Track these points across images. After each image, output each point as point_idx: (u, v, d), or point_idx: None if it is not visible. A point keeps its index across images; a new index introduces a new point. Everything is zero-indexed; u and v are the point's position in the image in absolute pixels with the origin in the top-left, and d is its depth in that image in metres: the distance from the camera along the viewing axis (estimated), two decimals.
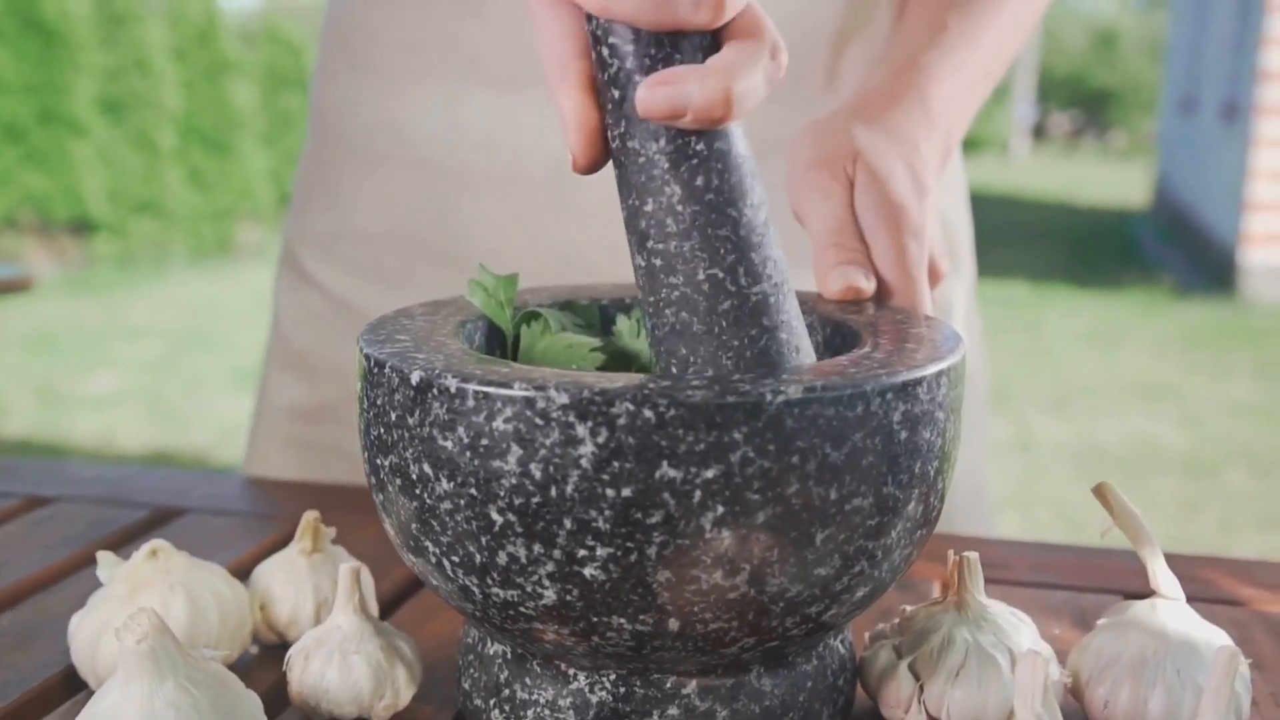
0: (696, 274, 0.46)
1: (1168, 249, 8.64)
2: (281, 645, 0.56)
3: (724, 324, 0.46)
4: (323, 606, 0.55)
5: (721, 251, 0.46)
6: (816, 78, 0.75)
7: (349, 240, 0.82)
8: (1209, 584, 0.65)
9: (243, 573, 0.60)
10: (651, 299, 0.47)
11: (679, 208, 0.45)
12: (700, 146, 0.45)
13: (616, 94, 0.44)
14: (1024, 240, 9.11)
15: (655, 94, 0.43)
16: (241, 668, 0.54)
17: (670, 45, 0.43)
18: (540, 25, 0.45)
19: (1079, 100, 23.90)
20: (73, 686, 0.53)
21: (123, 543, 0.67)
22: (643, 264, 0.46)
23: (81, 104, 6.79)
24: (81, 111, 6.80)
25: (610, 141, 0.45)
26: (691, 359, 0.46)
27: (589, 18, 0.44)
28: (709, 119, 0.43)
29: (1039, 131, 23.51)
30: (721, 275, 0.46)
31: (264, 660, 0.55)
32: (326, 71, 0.83)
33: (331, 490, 0.77)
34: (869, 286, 0.55)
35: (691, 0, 0.42)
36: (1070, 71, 23.57)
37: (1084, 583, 0.65)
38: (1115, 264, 8.07)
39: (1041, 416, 4.55)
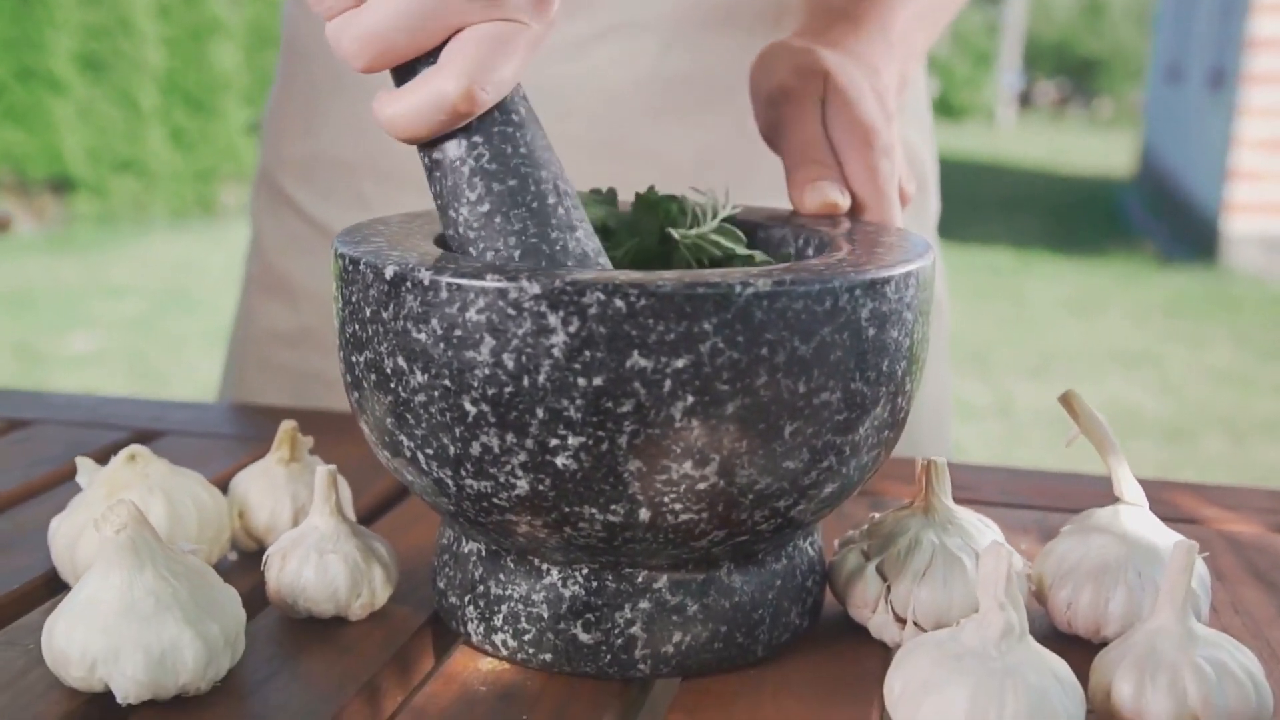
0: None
1: (1152, 217, 8.66)
2: (260, 552, 0.56)
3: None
4: (300, 514, 0.56)
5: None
6: (797, 14, 0.76)
7: (329, 167, 0.82)
8: (1173, 505, 0.66)
9: (221, 489, 0.61)
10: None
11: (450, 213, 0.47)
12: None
13: None
14: (1008, 208, 9.13)
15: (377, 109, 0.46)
16: (221, 572, 0.54)
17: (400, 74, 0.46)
18: None
19: (1065, 68, 23.88)
20: (54, 587, 0.53)
21: (102, 459, 0.68)
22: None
23: (61, 61, 6.73)
24: (61, 69, 6.73)
25: None
26: None
27: None
28: (394, 135, 0.46)
29: (1025, 100, 23.49)
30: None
31: (243, 566, 0.56)
32: None
33: (311, 413, 0.77)
34: (844, 201, 0.56)
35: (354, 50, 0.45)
36: (1057, 39, 23.54)
37: (1050, 503, 0.66)
38: (1098, 232, 8.09)
39: (1022, 382, 4.57)
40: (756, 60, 0.61)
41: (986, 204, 9.08)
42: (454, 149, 0.46)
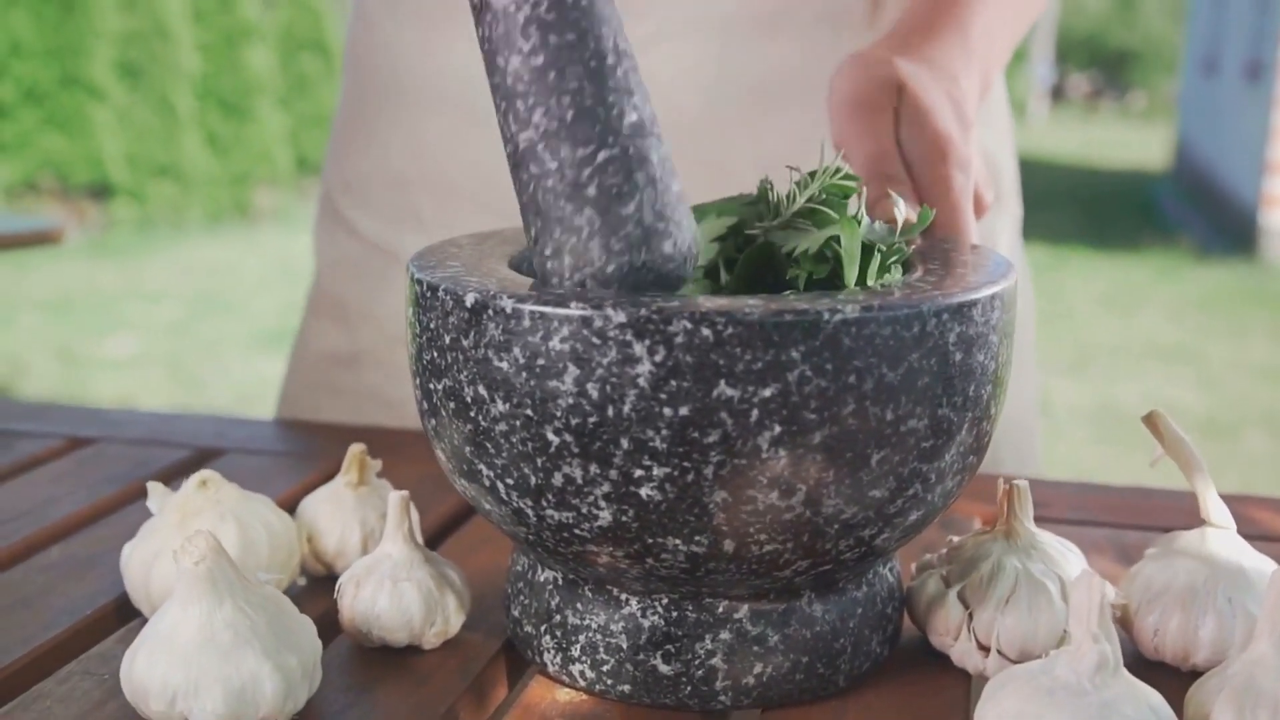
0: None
1: (1188, 211, 8.57)
2: (328, 577, 0.56)
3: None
4: (369, 538, 0.56)
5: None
6: (858, 18, 0.74)
7: (385, 185, 0.82)
8: (1255, 521, 0.65)
9: (286, 509, 0.60)
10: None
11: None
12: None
13: None
14: (1042, 203, 9.05)
15: None
16: (291, 598, 0.54)
17: None
18: None
19: (1098, 61, 23.68)
20: (126, 615, 0.53)
21: (168, 480, 0.68)
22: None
23: (101, 68, 6.79)
24: (101, 75, 6.79)
25: None
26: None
27: None
28: None
29: (1057, 93, 23.31)
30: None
31: (312, 591, 0.55)
32: (362, 14, 0.82)
33: (369, 431, 0.77)
34: (915, 217, 0.55)
35: None
36: (1089, 32, 23.34)
37: (1127, 521, 0.65)
38: (1134, 227, 8.02)
39: (1060, 379, 4.53)
40: (835, 72, 0.60)
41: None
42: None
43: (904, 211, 0.55)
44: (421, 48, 0.78)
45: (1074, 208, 8.91)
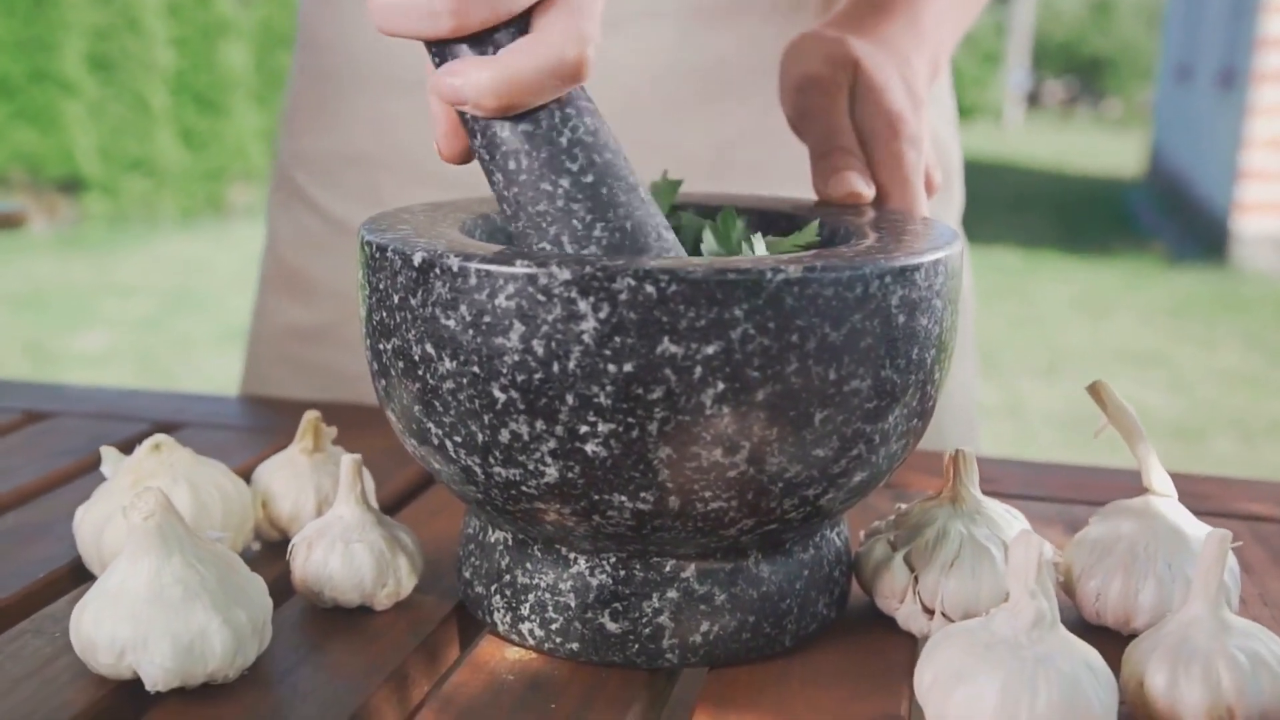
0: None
1: (1161, 217, 8.64)
2: (283, 542, 0.56)
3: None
4: (324, 504, 0.56)
5: (543, 225, 0.46)
6: (814, 4, 0.75)
7: (346, 162, 0.82)
8: (1199, 496, 0.66)
9: (245, 479, 0.61)
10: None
11: (505, 193, 0.46)
12: (505, 134, 0.45)
13: None
14: (1016, 208, 9.11)
15: (436, 82, 0.44)
16: (246, 562, 0.54)
17: (467, 43, 0.44)
18: None
19: (1074, 68, 23.84)
20: (79, 577, 0.53)
21: (125, 451, 0.68)
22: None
23: (72, 62, 6.74)
24: (72, 69, 6.75)
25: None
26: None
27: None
28: (485, 108, 0.43)
29: (1033, 99, 23.45)
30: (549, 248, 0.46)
31: (266, 556, 0.56)
32: None
33: (331, 406, 0.77)
34: (869, 191, 0.56)
35: (428, 12, 0.42)
36: (1065, 38, 23.50)
37: (1075, 496, 0.66)
38: (1107, 232, 8.07)
39: (1031, 383, 4.57)
40: (786, 49, 0.61)
41: (994, 203, 9.07)
42: (547, 119, 0.45)
43: (859, 187, 0.56)
44: (374, 25, 0.78)
45: (1048, 213, 8.96)
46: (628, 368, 0.40)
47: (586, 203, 0.45)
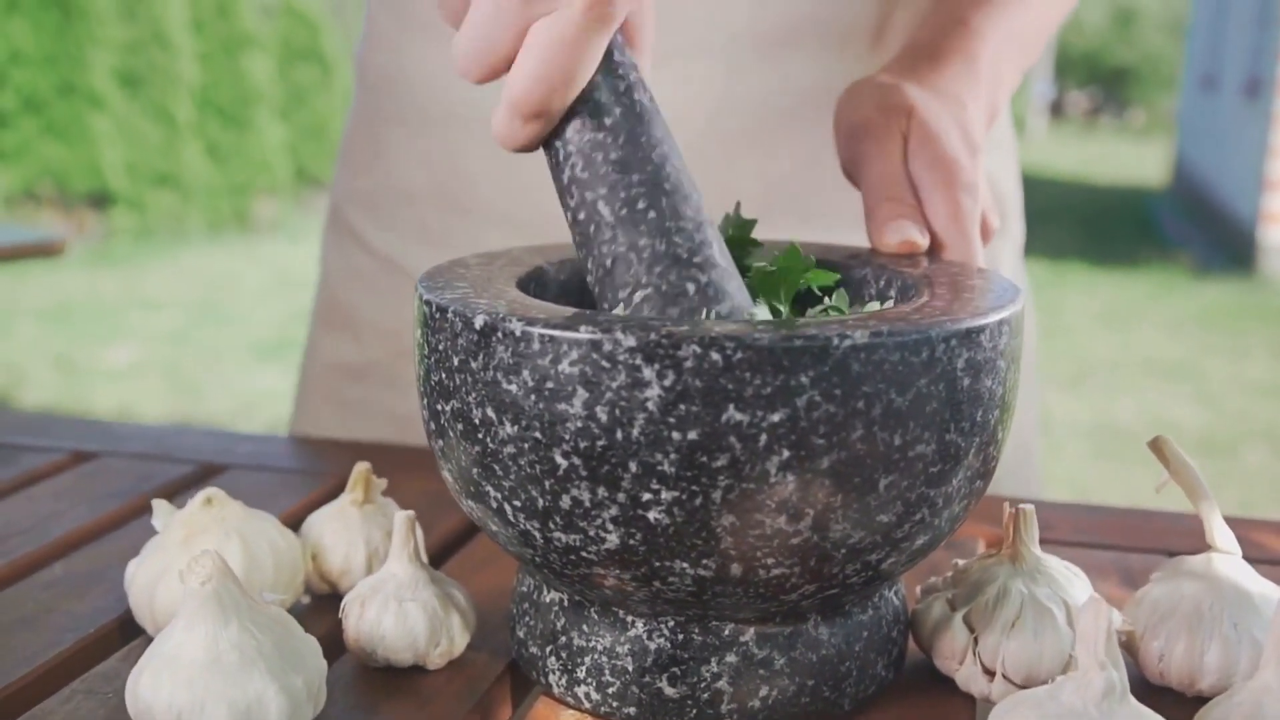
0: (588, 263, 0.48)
1: (1186, 228, 8.59)
2: (333, 595, 0.56)
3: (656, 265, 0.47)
4: (374, 557, 0.56)
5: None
6: (863, 36, 0.75)
7: (395, 199, 0.82)
8: (1261, 546, 0.65)
9: (290, 526, 0.60)
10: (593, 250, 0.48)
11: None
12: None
13: None
14: (1041, 219, 9.06)
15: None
16: (294, 617, 0.54)
17: None
18: None
19: (1097, 78, 23.73)
20: (129, 632, 0.53)
21: (171, 496, 0.68)
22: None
23: (100, 77, 6.80)
24: (100, 84, 6.80)
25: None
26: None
27: None
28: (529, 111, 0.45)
29: (1056, 109, 23.36)
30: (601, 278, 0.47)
31: (317, 610, 0.55)
32: (375, 29, 0.83)
33: (376, 448, 0.77)
34: (923, 240, 0.55)
35: None
36: (1088, 49, 23.40)
37: (1130, 543, 0.65)
38: (1133, 243, 8.03)
39: (1059, 395, 4.54)
40: (842, 96, 0.60)
41: None
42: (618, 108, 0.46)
43: (915, 236, 0.55)
44: (436, 65, 0.78)
45: (1073, 224, 8.92)
46: (692, 435, 0.40)
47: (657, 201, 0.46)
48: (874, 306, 0.50)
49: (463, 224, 0.79)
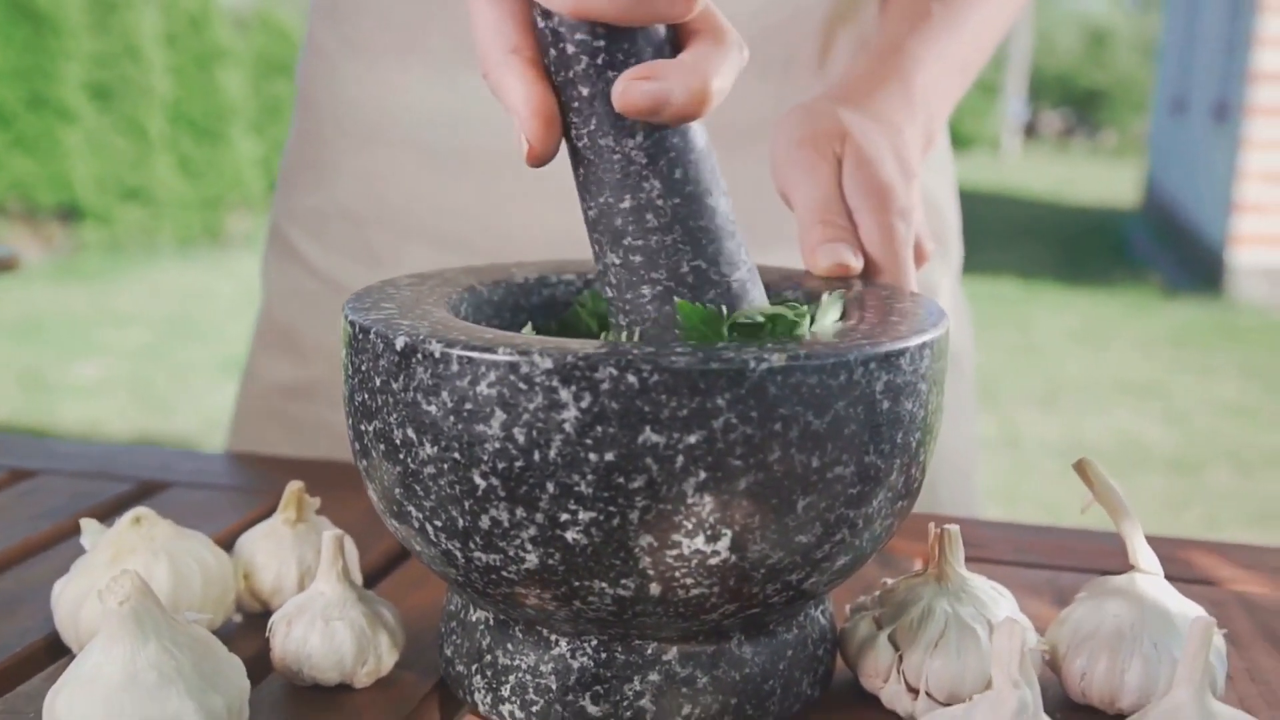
0: (680, 267, 0.47)
1: (1157, 248, 8.67)
2: (265, 614, 0.56)
3: None
4: (306, 576, 0.55)
5: (703, 242, 0.47)
6: (807, 61, 0.75)
7: (337, 219, 0.82)
8: (1187, 564, 0.65)
9: (227, 545, 0.60)
10: (629, 295, 0.47)
11: (659, 202, 0.46)
12: (677, 140, 0.46)
13: (585, 91, 0.44)
14: (1014, 238, 9.14)
15: (637, 89, 0.43)
16: (225, 636, 0.54)
17: (637, 40, 0.44)
18: (476, 11, 0.45)
19: (1070, 99, 23.95)
20: (55, 652, 0.53)
21: (107, 515, 0.67)
22: (618, 261, 0.47)
23: (71, 90, 6.76)
24: (71, 97, 6.77)
25: (574, 140, 0.45)
26: None
27: (545, 13, 0.43)
28: (688, 114, 0.43)
29: (1030, 130, 23.55)
30: (705, 266, 0.47)
31: (247, 629, 0.55)
32: (315, 48, 0.83)
33: (317, 465, 0.77)
34: (857, 264, 0.55)
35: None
36: (1061, 70, 23.63)
37: (1063, 562, 0.66)
38: (1104, 263, 8.10)
39: (1029, 413, 4.57)
40: (776, 122, 0.61)
41: (992, 233, 9.10)
42: (700, 136, 0.47)
43: (848, 259, 0.56)
44: (375, 84, 0.79)
45: (1045, 243, 8.99)
46: (609, 456, 0.40)
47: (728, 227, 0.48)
48: (834, 314, 0.50)
49: (402, 243, 0.79)
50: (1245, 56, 7.06)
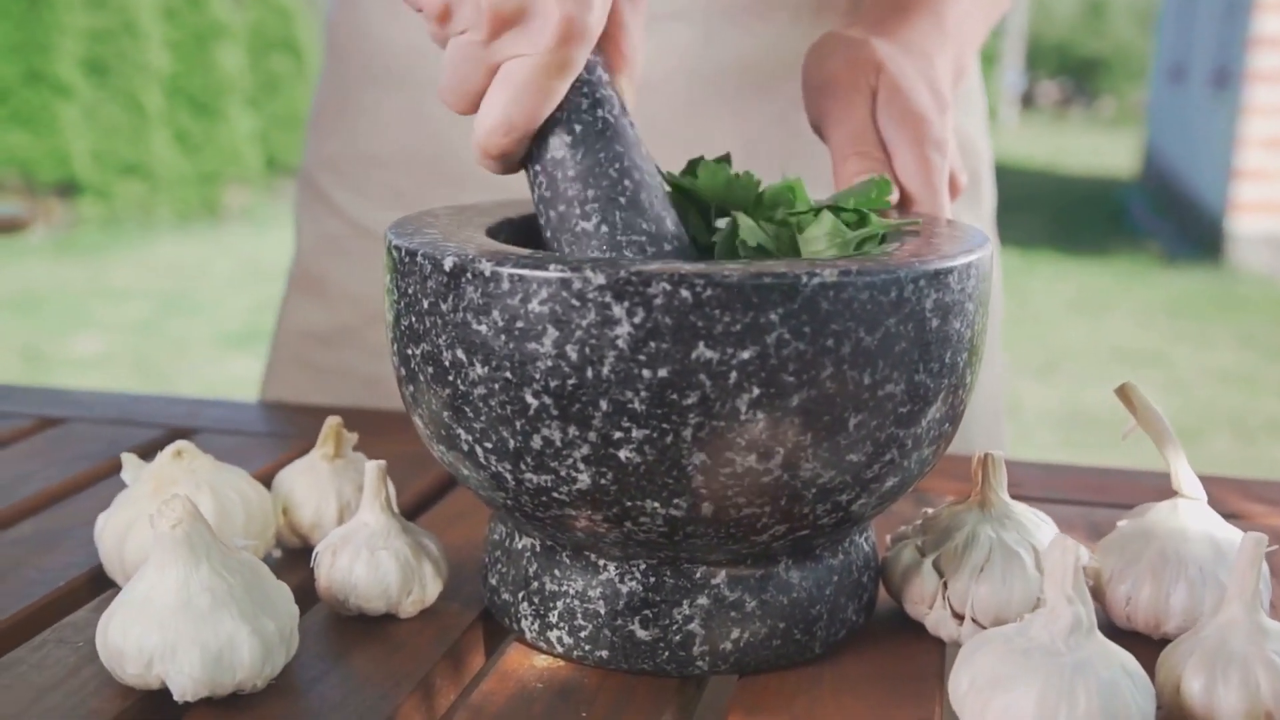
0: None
1: (1156, 217, 8.65)
2: (304, 549, 0.56)
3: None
4: (345, 510, 0.55)
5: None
6: (839, 2, 0.75)
7: (365, 164, 0.82)
8: (1221, 500, 0.65)
9: (264, 483, 0.60)
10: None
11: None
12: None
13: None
14: (1012, 208, 9.11)
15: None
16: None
17: None
18: None
19: (1068, 68, 23.87)
20: (99, 585, 0.53)
21: (141, 456, 0.67)
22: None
23: (67, 65, 6.72)
24: (67, 73, 6.73)
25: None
26: None
27: None
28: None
29: (1027, 99, 23.47)
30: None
31: (288, 563, 0.55)
32: None
33: (349, 411, 0.77)
34: (892, 195, 0.55)
35: None
36: (1059, 39, 23.53)
37: (1095, 498, 0.66)
38: (1103, 232, 8.09)
39: (1028, 382, 4.57)
40: (809, 51, 0.61)
41: None
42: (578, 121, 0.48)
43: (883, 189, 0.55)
44: (404, 28, 0.78)
45: (1044, 213, 8.97)
46: (662, 373, 0.40)
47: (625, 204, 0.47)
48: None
49: (432, 186, 0.79)
50: (1245, 21, 7.03)
